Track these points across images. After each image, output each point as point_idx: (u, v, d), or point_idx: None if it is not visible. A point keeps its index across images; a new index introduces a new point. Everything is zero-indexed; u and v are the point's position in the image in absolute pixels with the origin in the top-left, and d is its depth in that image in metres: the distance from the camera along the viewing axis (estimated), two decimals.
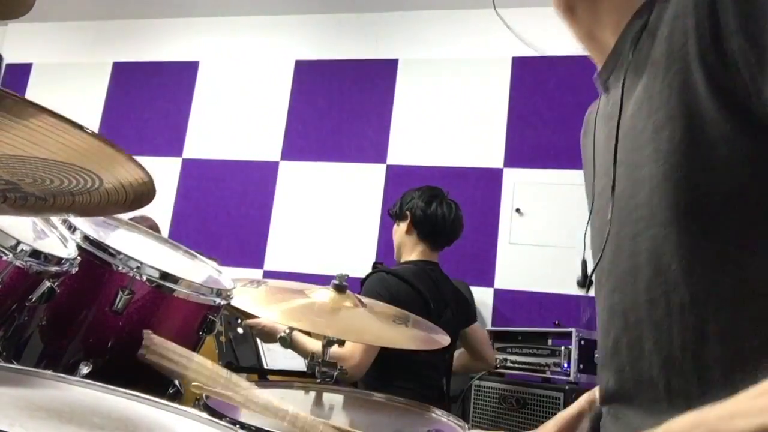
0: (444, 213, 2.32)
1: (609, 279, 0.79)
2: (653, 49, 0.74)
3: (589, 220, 0.91)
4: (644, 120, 0.73)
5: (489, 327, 3.30)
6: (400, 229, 2.37)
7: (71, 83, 4.46)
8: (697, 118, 0.66)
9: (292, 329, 1.96)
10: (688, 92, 0.67)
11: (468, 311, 2.46)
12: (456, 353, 2.45)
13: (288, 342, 1.89)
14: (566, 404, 1.84)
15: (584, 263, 0.88)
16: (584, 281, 0.87)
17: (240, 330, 2.10)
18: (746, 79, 0.62)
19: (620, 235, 0.76)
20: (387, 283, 2.13)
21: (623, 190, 0.77)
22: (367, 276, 2.22)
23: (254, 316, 2.03)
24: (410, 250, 2.33)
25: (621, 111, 0.78)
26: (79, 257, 1.07)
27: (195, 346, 1.33)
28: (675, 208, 0.68)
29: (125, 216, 1.48)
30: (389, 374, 2.09)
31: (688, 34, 0.67)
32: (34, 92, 4.47)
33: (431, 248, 2.33)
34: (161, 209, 4.01)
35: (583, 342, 2.31)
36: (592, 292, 0.88)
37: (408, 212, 2.33)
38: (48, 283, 1.01)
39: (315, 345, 1.82)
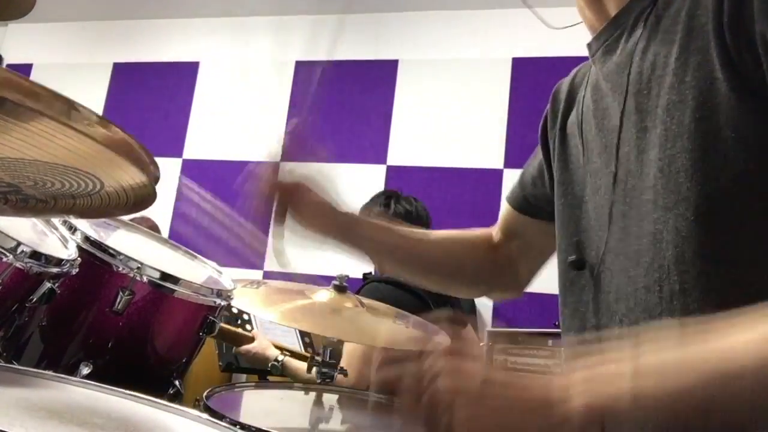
0: (405, 209, 2.28)
1: (616, 260, 0.76)
2: (668, 25, 0.72)
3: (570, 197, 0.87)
4: (654, 99, 0.71)
5: (489, 327, 3.30)
6: None
7: (71, 84, 4.45)
8: (708, 100, 0.65)
9: (284, 354, 1.96)
10: (704, 73, 0.65)
11: (462, 304, 2.43)
12: None
13: (279, 370, 1.89)
14: None
15: (580, 243, 0.84)
16: (580, 262, 0.84)
17: (249, 333, 2.10)
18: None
19: (628, 217, 0.74)
20: (381, 293, 2.10)
21: (630, 171, 0.74)
22: (360, 288, 2.19)
23: (246, 341, 2.03)
24: None
25: (628, 87, 0.75)
26: (79, 258, 1.07)
27: (195, 346, 1.33)
28: (676, 193, 0.67)
29: (126, 217, 1.48)
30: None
31: (708, 11, 0.65)
32: None
33: None
34: (161, 210, 4.01)
35: None
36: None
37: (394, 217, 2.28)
38: (48, 284, 1.01)
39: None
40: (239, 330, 2.07)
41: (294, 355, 2.08)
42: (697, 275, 0.65)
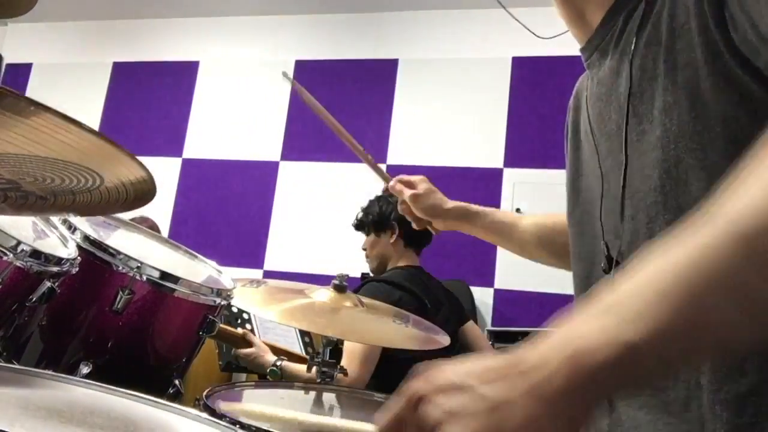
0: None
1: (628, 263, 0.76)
2: (652, 29, 0.73)
3: (601, 201, 0.84)
4: (648, 102, 0.72)
5: (489, 327, 3.30)
6: (382, 241, 2.37)
7: (71, 83, 4.46)
8: (699, 98, 0.66)
9: (282, 359, 1.97)
10: (691, 71, 0.66)
11: (460, 310, 2.44)
12: None
13: (278, 374, 1.90)
14: None
15: (606, 245, 0.81)
16: (609, 265, 0.79)
17: (240, 330, 2.10)
18: (750, 45, 0.60)
19: (636, 220, 0.74)
20: (379, 291, 2.12)
21: (634, 174, 0.75)
22: (358, 288, 2.20)
23: (246, 345, 2.04)
24: (396, 259, 2.34)
25: (630, 92, 0.76)
26: (79, 257, 1.07)
27: (195, 346, 1.33)
28: (687, 194, 0.67)
29: (126, 216, 1.48)
30: (393, 382, 2.07)
31: (690, 11, 0.66)
32: (34, 92, 4.47)
33: (416, 253, 2.36)
34: (161, 209, 4.01)
35: None
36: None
37: (395, 222, 2.32)
38: (48, 283, 1.01)
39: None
40: (237, 331, 2.07)
41: (292, 357, 2.09)
42: None
